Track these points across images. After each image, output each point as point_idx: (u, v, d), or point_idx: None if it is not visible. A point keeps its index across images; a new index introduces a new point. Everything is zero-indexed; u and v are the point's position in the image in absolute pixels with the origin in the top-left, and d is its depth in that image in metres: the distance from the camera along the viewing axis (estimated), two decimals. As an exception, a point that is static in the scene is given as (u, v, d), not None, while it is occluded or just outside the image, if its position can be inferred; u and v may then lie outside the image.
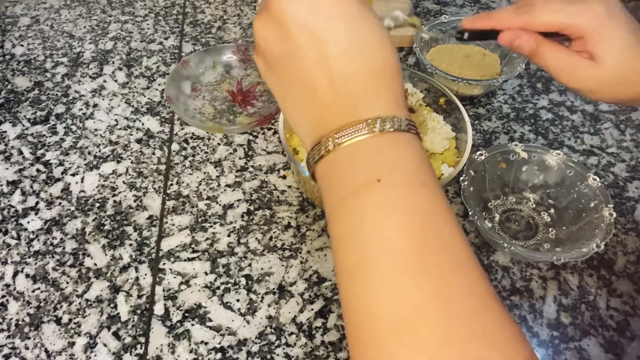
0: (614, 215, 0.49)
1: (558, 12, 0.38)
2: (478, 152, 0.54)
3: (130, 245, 0.52)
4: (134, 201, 0.56)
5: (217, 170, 0.59)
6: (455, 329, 0.22)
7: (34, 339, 0.46)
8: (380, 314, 0.23)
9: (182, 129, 0.64)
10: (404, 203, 0.25)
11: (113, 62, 0.73)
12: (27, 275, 0.50)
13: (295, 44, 0.27)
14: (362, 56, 0.27)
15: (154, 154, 0.61)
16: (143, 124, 0.64)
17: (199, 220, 0.54)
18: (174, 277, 0.50)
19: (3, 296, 0.49)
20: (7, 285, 0.50)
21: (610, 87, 0.39)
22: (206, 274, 0.50)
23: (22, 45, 0.75)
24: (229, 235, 0.53)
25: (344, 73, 0.27)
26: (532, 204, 0.56)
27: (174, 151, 0.61)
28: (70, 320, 0.47)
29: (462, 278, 0.23)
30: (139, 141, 0.62)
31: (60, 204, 0.56)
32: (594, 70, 0.38)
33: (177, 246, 0.52)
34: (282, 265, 0.51)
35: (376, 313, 0.23)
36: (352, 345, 0.24)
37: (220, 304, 0.48)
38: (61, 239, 0.53)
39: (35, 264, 0.51)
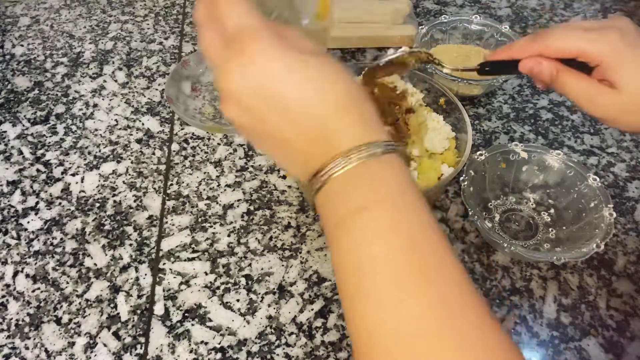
0: (614, 215, 0.49)
1: (573, 37, 0.39)
2: (478, 152, 0.54)
3: (130, 245, 0.52)
4: (134, 201, 0.56)
5: (217, 170, 0.59)
6: (453, 343, 0.23)
7: (34, 339, 0.46)
8: (383, 330, 0.25)
9: (182, 129, 0.64)
10: (390, 225, 0.26)
11: (113, 62, 0.73)
12: (27, 275, 0.50)
13: (258, 112, 0.29)
14: (321, 97, 0.28)
15: (154, 154, 0.61)
16: (143, 124, 0.64)
17: (199, 220, 0.54)
18: (174, 277, 0.50)
19: (3, 296, 0.49)
20: (7, 285, 0.50)
21: (632, 114, 0.38)
22: (206, 274, 0.50)
23: (22, 45, 0.75)
24: (229, 235, 0.53)
25: (308, 119, 0.28)
26: (532, 204, 0.56)
27: (174, 151, 0.61)
28: (70, 320, 0.47)
29: (456, 293, 0.25)
30: (139, 141, 0.62)
31: (60, 204, 0.56)
32: (614, 97, 0.38)
33: (177, 246, 0.52)
34: (282, 265, 0.51)
35: (379, 330, 0.25)
36: (359, 357, 0.26)
37: (220, 304, 0.48)
38: (61, 239, 0.53)
39: (35, 264, 0.51)
